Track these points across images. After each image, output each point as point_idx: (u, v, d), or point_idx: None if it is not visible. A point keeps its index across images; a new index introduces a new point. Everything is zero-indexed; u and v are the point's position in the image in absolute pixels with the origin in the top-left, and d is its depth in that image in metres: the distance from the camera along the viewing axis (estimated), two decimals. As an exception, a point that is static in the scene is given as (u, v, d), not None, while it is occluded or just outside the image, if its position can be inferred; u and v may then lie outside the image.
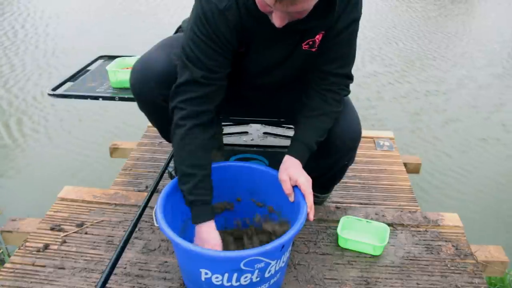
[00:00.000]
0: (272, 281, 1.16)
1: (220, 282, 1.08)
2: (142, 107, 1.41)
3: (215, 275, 1.07)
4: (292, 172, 1.22)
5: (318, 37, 1.21)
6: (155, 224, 1.13)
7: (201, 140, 1.19)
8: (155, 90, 1.30)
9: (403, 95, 4.58)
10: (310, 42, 1.22)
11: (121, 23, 6.60)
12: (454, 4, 8.56)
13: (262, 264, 1.07)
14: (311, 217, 1.17)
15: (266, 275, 1.11)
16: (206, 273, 1.08)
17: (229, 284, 1.09)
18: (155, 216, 1.13)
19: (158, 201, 1.18)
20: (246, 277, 1.08)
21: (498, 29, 7.12)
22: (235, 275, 1.07)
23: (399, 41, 6.19)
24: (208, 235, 1.19)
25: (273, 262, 1.10)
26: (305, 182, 1.20)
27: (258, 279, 1.10)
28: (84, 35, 6.00)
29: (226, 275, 1.07)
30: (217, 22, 1.11)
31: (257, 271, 1.08)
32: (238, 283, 1.09)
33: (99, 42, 5.63)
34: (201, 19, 1.12)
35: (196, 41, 1.13)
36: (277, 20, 1.03)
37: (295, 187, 1.22)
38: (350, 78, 1.33)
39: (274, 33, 1.16)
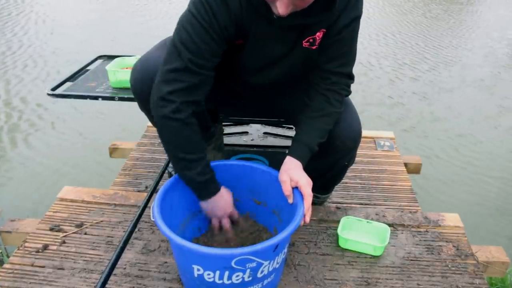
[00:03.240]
0: (265, 281, 1.16)
1: (212, 279, 1.09)
2: (143, 106, 1.40)
3: (207, 272, 1.08)
4: (293, 173, 1.21)
5: (319, 35, 1.21)
6: (151, 219, 1.14)
7: (196, 127, 1.20)
8: None
9: (404, 95, 4.58)
10: (311, 40, 1.21)
11: (121, 23, 6.60)
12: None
13: (254, 264, 1.07)
14: (307, 219, 1.16)
15: (259, 275, 1.11)
16: (198, 269, 1.08)
17: (220, 281, 1.09)
18: (152, 211, 1.14)
19: (156, 198, 1.19)
20: (237, 275, 1.08)
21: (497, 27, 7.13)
22: (227, 273, 1.07)
23: (399, 40, 6.20)
24: (224, 198, 1.28)
25: (265, 263, 1.09)
26: (306, 183, 1.19)
27: (250, 278, 1.10)
28: (84, 35, 6.00)
29: (218, 272, 1.07)
30: (219, 8, 1.10)
31: (248, 270, 1.07)
32: (230, 282, 1.09)
33: (98, 41, 5.64)
34: (202, 3, 1.10)
35: (195, 24, 1.11)
36: (282, 7, 1.01)
37: (295, 188, 1.21)
38: (351, 77, 1.32)
39: (274, 28, 1.16)
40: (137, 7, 7.57)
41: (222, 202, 1.28)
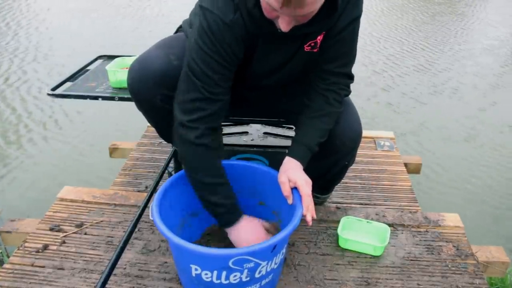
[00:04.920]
0: (263, 282, 1.16)
1: (209, 279, 1.09)
2: (140, 106, 1.40)
3: (204, 272, 1.08)
4: (291, 174, 1.21)
5: (320, 38, 1.21)
6: (150, 218, 1.14)
7: (219, 152, 1.24)
8: (152, 89, 1.29)
9: (404, 95, 4.57)
10: (312, 44, 1.22)
11: (120, 23, 6.60)
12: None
13: (252, 264, 1.07)
14: (309, 218, 1.16)
15: (257, 275, 1.11)
16: (196, 269, 1.08)
17: (218, 281, 1.09)
18: (151, 211, 1.14)
19: (155, 197, 1.19)
20: (235, 276, 1.08)
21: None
22: (224, 273, 1.07)
23: (398, 41, 6.19)
24: (254, 228, 1.25)
25: (263, 263, 1.09)
26: (304, 184, 1.19)
27: (248, 278, 1.10)
28: (83, 35, 6.00)
29: (215, 272, 1.07)
30: (223, 35, 1.10)
31: (246, 270, 1.07)
32: (227, 282, 1.09)
33: (98, 41, 5.64)
34: (206, 32, 1.10)
35: (202, 55, 1.12)
36: (284, 25, 1.02)
37: (294, 189, 1.21)
38: (350, 77, 1.33)
39: (277, 38, 1.16)
40: (138, 5, 7.56)
41: (257, 232, 1.25)
